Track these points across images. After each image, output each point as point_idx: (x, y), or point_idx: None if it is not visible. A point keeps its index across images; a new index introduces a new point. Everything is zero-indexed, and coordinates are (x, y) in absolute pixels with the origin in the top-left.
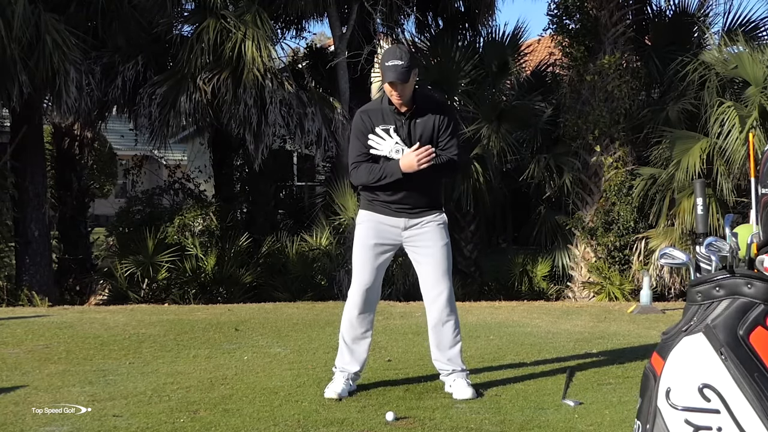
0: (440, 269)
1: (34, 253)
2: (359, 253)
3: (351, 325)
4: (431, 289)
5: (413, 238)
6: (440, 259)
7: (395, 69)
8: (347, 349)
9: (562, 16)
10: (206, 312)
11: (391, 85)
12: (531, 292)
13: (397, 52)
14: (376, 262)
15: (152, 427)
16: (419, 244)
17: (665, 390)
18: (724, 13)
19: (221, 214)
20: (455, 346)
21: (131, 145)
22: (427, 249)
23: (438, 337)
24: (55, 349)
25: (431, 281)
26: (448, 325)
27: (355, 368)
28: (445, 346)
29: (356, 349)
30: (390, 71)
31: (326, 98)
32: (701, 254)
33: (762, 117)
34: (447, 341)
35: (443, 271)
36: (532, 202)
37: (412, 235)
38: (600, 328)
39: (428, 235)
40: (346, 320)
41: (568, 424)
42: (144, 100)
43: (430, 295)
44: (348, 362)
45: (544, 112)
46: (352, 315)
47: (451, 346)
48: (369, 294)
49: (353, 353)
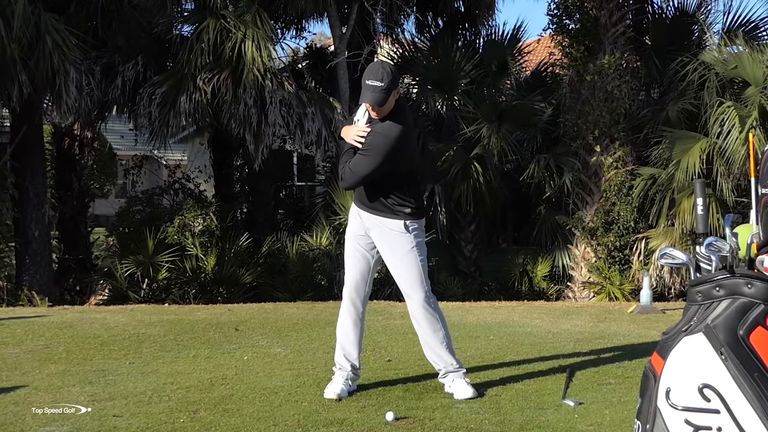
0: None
1: (34, 253)
2: (345, 245)
3: (340, 316)
4: (401, 289)
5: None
6: (396, 265)
7: (373, 90)
8: (338, 343)
9: (562, 16)
10: (206, 312)
11: (367, 105)
12: (531, 292)
13: (379, 72)
14: (356, 253)
15: (152, 427)
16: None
17: (665, 390)
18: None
19: (221, 214)
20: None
21: (131, 145)
22: (384, 254)
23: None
24: (55, 349)
25: (398, 282)
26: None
27: (348, 363)
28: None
29: (346, 342)
30: (368, 91)
31: (326, 98)
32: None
33: (762, 117)
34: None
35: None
36: (532, 202)
37: (372, 234)
38: (600, 328)
39: (382, 240)
40: (339, 313)
41: (568, 424)
42: (144, 100)
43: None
44: (341, 357)
45: (544, 112)
46: (342, 307)
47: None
48: (354, 290)
49: (343, 347)
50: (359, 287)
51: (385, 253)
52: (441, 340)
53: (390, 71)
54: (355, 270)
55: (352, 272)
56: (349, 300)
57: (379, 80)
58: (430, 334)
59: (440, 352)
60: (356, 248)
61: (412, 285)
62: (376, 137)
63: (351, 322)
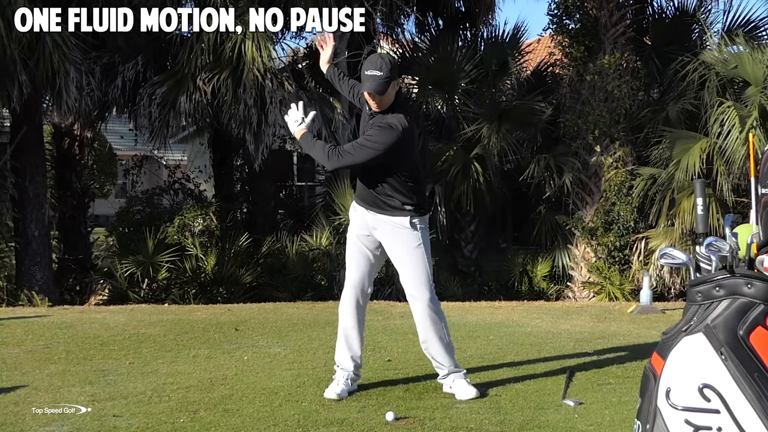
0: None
1: (34, 253)
2: (347, 249)
3: (341, 316)
4: (405, 288)
5: (383, 239)
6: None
7: (372, 79)
8: (341, 344)
9: (562, 16)
10: (206, 312)
11: (368, 94)
12: (531, 292)
13: (378, 62)
14: (359, 253)
15: (152, 427)
16: (384, 244)
17: (665, 390)
18: (724, 13)
19: (221, 214)
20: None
21: (131, 145)
22: (391, 253)
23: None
24: (55, 349)
25: (403, 281)
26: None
27: (350, 364)
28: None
29: (350, 343)
30: (368, 81)
31: (326, 98)
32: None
33: (762, 117)
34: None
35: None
36: (532, 202)
37: (377, 234)
38: (600, 328)
39: (389, 238)
40: (339, 315)
41: (568, 424)
42: (144, 100)
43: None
44: (344, 358)
45: (544, 112)
46: (341, 306)
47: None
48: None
49: (347, 346)
50: (362, 287)
51: (392, 251)
52: (443, 340)
53: (389, 61)
54: (357, 270)
55: (354, 272)
56: (354, 300)
57: (378, 69)
58: (432, 335)
59: (442, 352)
60: (359, 248)
61: (419, 284)
62: (384, 130)
63: (355, 322)
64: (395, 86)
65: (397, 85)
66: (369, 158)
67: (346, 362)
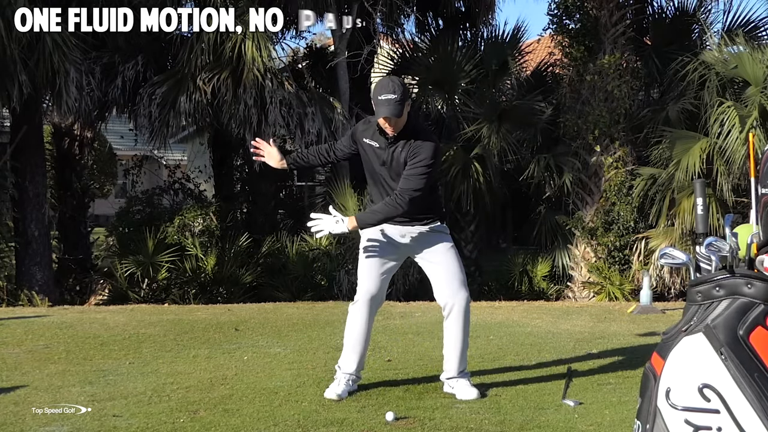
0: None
1: (34, 253)
2: (364, 261)
3: (355, 328)
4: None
5: (415, 246)
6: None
7: (388, 103)
8: (350, 351)
9: (562, 16)
10: (206, 312)
11: (385, 119)
12: (531, 292)
13: (390, 86)
14: (381, 270)
15: (152, 427)
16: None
17: (665, 390)
18: (724, 13)
19: (221, 214)
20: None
21: (131, 145)
22: (434, 259)
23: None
24: (55, 349)
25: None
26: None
27: (353, 368)
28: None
29: (359, 350)
30: (383, 106)
31: (326, 98)
32: (701, 254)
33: (762, 117)
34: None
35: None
36: (532, 202)
37: (411, 245)
38: (600, 328)
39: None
40: (350, 324)
41: (568, 424)
42: (144, 100)
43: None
44: (351, 364)
45: (544, 112)
46: (355, 316)
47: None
48: (373, 302)
49: (356, 355)
50: (380, 299)
51: (435, 257)
52: (465, 342)
53: (400, 83)
54: (378, 283)
55: (374, 285)
56: (369, 311)
57: (392, 93)
58: (460, 336)
59: (461, 354)
60: (384, 264)
61: (462, 283)
62: (431, 149)
63: (366, 333)
64: (408, 107)
65: (408, 106)
66: (428, 181)
67: (349, 366)
